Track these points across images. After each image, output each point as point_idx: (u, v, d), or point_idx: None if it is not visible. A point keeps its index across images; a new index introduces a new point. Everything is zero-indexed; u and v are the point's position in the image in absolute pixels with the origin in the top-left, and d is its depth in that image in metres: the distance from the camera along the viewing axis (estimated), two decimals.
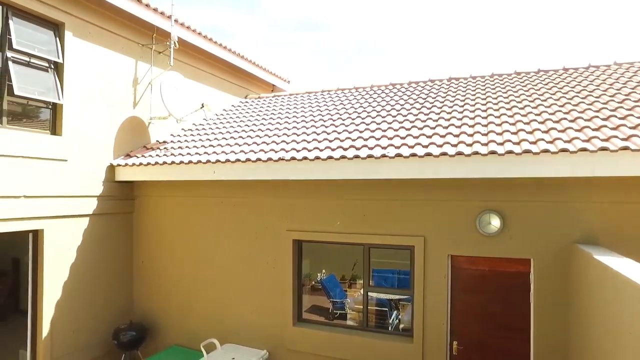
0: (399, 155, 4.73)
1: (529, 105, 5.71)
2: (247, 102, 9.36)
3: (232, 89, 9.35)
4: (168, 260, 6.62)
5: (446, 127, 5.36)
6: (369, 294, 5.59)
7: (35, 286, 5.66)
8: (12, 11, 5.27)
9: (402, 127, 5.63)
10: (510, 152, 4.30)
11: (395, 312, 5.84)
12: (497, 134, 4.86)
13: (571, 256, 4.48)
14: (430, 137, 5.11)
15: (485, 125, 5.21)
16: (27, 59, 5.44)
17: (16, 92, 5.22)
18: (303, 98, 8.64)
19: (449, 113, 5.94)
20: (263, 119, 7.54)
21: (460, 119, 5.60)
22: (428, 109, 6.31)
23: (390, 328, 5.65)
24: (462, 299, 5.07)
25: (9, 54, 5.23)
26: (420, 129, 5.47)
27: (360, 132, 5.77)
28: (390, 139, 5.28)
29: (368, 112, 6.67)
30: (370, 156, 4.84)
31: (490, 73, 7.87)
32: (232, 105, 9.08)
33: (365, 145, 5.16)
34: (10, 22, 5.24)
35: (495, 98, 6.35)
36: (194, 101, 7.47)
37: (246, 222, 6.07)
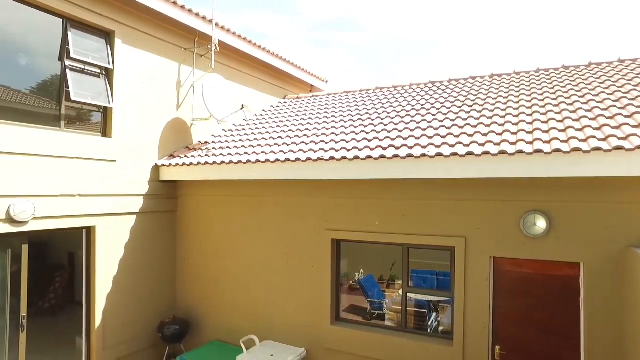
0: (439, 154, 4.64)
1: (578, 101, 5.42)
2: (285, 102, 9.48)
3: (270, 90, 9.49)
4: (209, 257, 6.82)
5: (488, 125, 5.20)
6: (408, 294, 5.52)
7: (89, 280, 6.01)
8: (70, 23, 5.63)
9: (443, 126, 5.51)
10: (557, 150, 4.11)
11: (434, 314, 5.73)
12: (544, 131, 4.66)
13: (626, 261, 4.22)
14: (471, 135, 4.97)
15: (530, 123, 5.00)
16: (82, 67, 5.78)
17: (72, 98, 5.57)
18: (341, 98, 8.64)
19: (491, 111, 5.76)
20: (302, 119, 7.60)
21: (503, 117, 5.41)
22: (469, 106, 6.14)
23: (429, 330, 5.55)
24: (505, 303, 4.90)
25: (67, 62, 5.59)
26: (462, 127, 5.33)
27: (400, 131, 5.70)
28: (430, 137, 5.19)
29: (407, 111, 6.58)
30: (409, 155, 4.78)
31: (536, 68, 7.54)
32: (271, 106, 9.22)
33: (404, 145, 5.09)
34: (69, 33, 5.60)
35: (541, 94, 6.08)
36: (234, 102, 7.66)
37: (285, 221, 6.15)
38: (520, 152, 4.26)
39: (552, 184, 4.57)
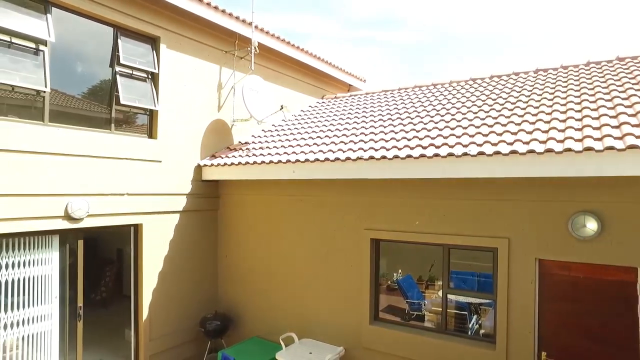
0: (481, 153, 4.52)
1: (635, 95, 5.09)
2: (323, 102, 9.53)
3: (309, 90, 9.57)
4: (249, 255, 6.98)
5: (533, 123, 5.01)
6: (448, 296, 5.41)
7: (137, 275, 6.31)
8: (120, 31, 5.94)
9: (484, 124, 5.36)
10: (610, 148, 3.90)
11: (475, 316, 5.58)
12: (595, 128, 4.43)
13: None
14: (515, 133, 4.81)
15: (580, 120, 4.77)
16: (130, 72, 6.07)
17: (122, 102, 5.87)
18: (379, 97, 8.58)
19: (536, 107, 5.54)
20: (340, 118, 7.62)
21: (550, 113, 5.19)
22: (512, 103, 5.94)
23: (469, 332, 5.42)
24: (552, 307, 4.70)
25: (117, 68, 5.90)
26: (504, 125, 5.17)
27: (440, 130, 5.59)
28: (472, 136, 5.06)
29: (447, 109, 6.45)
30: (450, 154, 4.69)
31: (586, 61, 7.17)
32: (310, 106, 9.30)
33: (445, 144, 5.00)
34: (119, 40, 5.91)
35: (592, 89, 5.78)
36: (273, 103, 7.79)
37: (324, 220, 6.19)
38: (569, 150, 4.07)
39: (604, 183, 4.35)
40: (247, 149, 7.10)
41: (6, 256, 4.92)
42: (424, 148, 5.06)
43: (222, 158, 6.87)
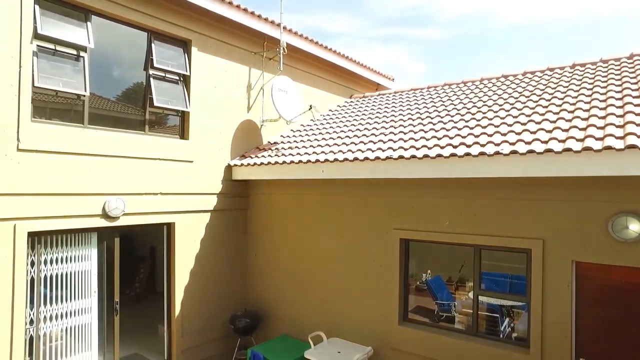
0: (514, 152, 4.41)
1: None
2: (352, 101, 9.51)
3: (337, 89, 9.58)
4: (278, 254, 7.06)
5: (570, 120, 4.84)
6: (479, 298, 5.31)
7: (169, 272, 6.49)
8: (154, 35, 6.13)
9: (517, 122, 5.23)
10: None
11: (507, 319, 5.45)
12: (638, 125, 4.23)
13: None
14: (550, 131, 4.66)
15: (621, 116, 4.57)
16: (163, 74, 6.25)
17: (155, 104, 6.05)
18: (408, 95, 8.49)
19: (573, 104, 5.35)
20: (369, 117, 7.59)
21: (588, 110, 5.01)
22: (547, 100, 5.75)
23: (501, 335, 5.30)
24: (591, 312, 4.53)
25: (151, 71, 6.09)
26: (538, 123, 5.02)
27: (471, 128, 5.49)
28: (504, 135, 4.95)
29: (478, 107, 6.32)
30: (482, 153, 4.60)
31: (629, 53, 6.85)
32: (338, 106, 9.30)
33: (476, 142, 4.90)
34: (153, 45, 6.10)
35: (636, 82, 5.52)
36: (302, 103, 7.84)
37: (353, 220, 6.19)
38: (609, 148, 3.91)
39: None
40: (276, 148, 7.18)
41: (50, 252, 5.17)
42: (455, 147, 4.98)
43: (252, 158, 6.98)
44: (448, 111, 6.59)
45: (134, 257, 10.73)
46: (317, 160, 5.94)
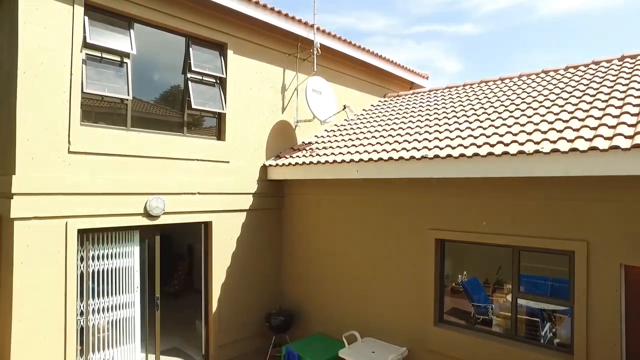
0: (555, 150, 4.26)
1: None
2: (385, 101, 9.46)
3: (370, 89, 9.55)
4: (313, 253, 7.11)
5: (617, 116, 4.62)
6: (518, 300, 5.15)
7: (207, 270, 6.67)
8: (191, 40, 6.33)
9: (559, 119, 5.04)
10: None
11: (548, 323, 5.27)
12: None
13: None
14: (595, 128, 4.47)
15: None
16: (201, 77, 6.45)
17: (193, 106, 6.25)
18: (444, 94, 8.35)
19: (621, 99, 5.10)
20: (403, 117, 7.53)
21: (638, 105, 4.76)
22: (591, 96, 5.51)
23: (542, 340, 5.12)
24: None
25: (189, 75, 6.30)
26: (582, 119, 4.82)
27: (509, 126, 5.35)
28: (545, 132, 4.79)
29: (517, 105, 6.13)
30: (521, 152, 4.47)
31: None
32: (372, 105, 9.27)
33: (515, 141, 4.77)
34: (191, 49, 6.31)
35: None
36: (335, 103, 7.87)
37: (388, 219, 6.16)
38: None
39: None
40: (310, 149, 7.24)
41: (97, 248, 5.45)
42: (492, 146, 4.87)
43: (287, 158, 7.07)
44: (485, 109, 6.43)
45: (173, 255, 11.10)
46: (352, 160, 5.95)
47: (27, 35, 4.72)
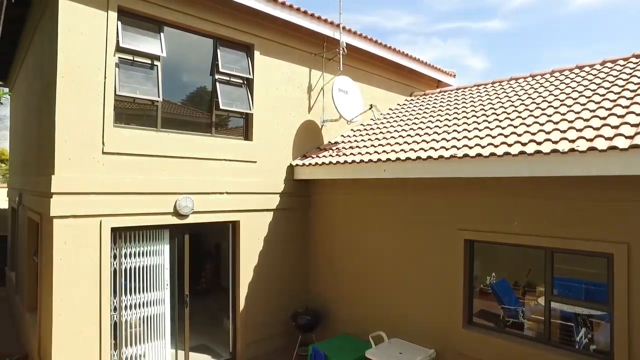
0: (592, 148, 4.10)
1: None
2: (412, 99, 9.35)
3: (397, 88, 9.46)
4: (339, 253, 7.10)
5: None
6: (551, 304, 4.99)
7: (234, 268, 6.77)
8: (219, 42, 6.43)
9: (595, 116, 4.85)
10: None
11: (583, 328, 5.08)
12: None
13: None
14: (636, 125, 4.28)
15: None
16: (228, 79, 6.54)
17: (221, 107, 6.35)
18: (472, 92, 8.19)
19: None
20: (430, 115, 7.42)
21: None
22: (632, 91, 5.28)
23: (577, 346, 4.94)
24: None
25: (217, 76, 6.40)
26: (621, 116, 4.63)
27: (541, 124, 5.19)
28: (580, 130, 4.62)
29: (549, 102, 5.94)
30: (554, 151, 4.33)
31: None
32: (398, 104, 9.19)
33: (548, 139, 4.62)
34: (218, 50, 6.41)
35: None
36: (362, 102, 7.84)
37: (415, 219, 6.09)
38: None
39: None
40: (337, 148, 7.23)
41: (128, 246, 5.60)
42: (524, 145, 4.74)
43: (313, 158, 7.09)
44: (515, 107, 6.26)
45: (200, 254, 11.29)
46: (379, 160, 5.90)
47: (65, 42, 4.91)
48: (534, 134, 4.94)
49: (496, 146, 4.96)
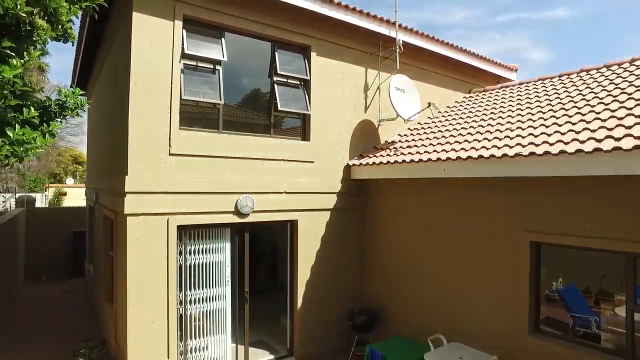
0: None
1: None
2: (471, 96, 9.01)
3: (455, 85, 9.16)
4: (396, 254, 7.00)
5: None
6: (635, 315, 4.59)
7: (292, 267, 6.89)
8: (277, 44, 6.59)
9: None
10: None
11: None
12: None
13: None
14: None
15: None
16: (286, 80, 6.67)
17: (280, 108, 6.49)
18: (536, 86, 7.73)
19: None
20: (492, 112, 7.12)
21: None
22: None
23: None
24: None
25: (275, 78, 6.55)
26: None
27: (619, 119, 4.77)
28: None
29: (629, 94, 5.46)
30: (637, 147, 3.97)
31: None
32: (456, 102, 8.90)
33: (629, 134, 4.25)
34: (276, 53, 6.57)
35: None
36: (419, 101, 7.67)
37: (477, 220, 5.86)
38: None
39: None
40: (394, 148, 7.14)
41: (192, 243, 5.89)
42: (599, 141, 4.39)
43: (370, 157, 7.05)
44: (587, 100, 5.83)
45: (259, 252, 11.58)
46: (438, 159, 5.75)
47: (137, 51, 5.26)
48: (610, 129, 4.57)
49: (566, 143, 4.63)
